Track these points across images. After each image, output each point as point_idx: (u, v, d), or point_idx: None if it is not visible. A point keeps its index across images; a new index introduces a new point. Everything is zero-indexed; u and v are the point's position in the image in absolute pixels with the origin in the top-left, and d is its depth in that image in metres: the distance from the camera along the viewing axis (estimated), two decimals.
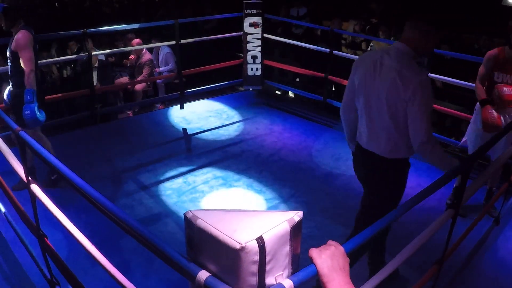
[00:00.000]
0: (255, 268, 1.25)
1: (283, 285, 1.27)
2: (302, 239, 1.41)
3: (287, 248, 1.33)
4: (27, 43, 3.61)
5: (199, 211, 1.40)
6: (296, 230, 1.35)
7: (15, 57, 3.61)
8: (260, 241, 1.24)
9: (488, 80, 3.55)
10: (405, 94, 2.25)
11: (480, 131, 3.54)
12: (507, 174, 3.62)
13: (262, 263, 1.25)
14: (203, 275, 1.29)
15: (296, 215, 1.36)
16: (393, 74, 2.28)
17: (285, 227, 1.32)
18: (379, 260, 2.85)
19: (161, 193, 4.00)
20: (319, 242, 1.23)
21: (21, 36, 3.59)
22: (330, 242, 1.23)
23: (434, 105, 4.65)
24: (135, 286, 1.95)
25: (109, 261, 2.06)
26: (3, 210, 3.15)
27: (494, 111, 3.35)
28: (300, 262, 1.42)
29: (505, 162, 2.98)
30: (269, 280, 1.29)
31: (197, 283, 1.29)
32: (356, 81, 2.47)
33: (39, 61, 5.47)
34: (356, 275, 2.63)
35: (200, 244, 1.35)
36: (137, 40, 7.11)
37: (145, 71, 7.07)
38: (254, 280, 1.26)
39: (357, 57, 5.31)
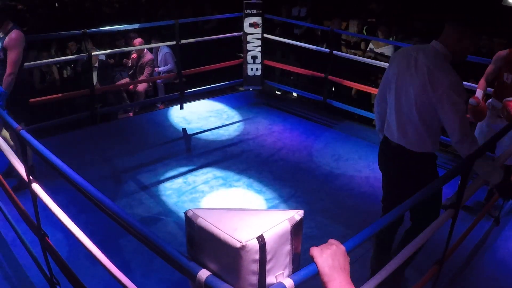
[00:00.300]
0: (255, 267, 1.24)
1: (283, 284, 1.26)
2: (302, 239, 1.41)
3: (287, 247, 1.33)
4: (19, 44, 3.63)
5: (199, 209, 1.40)
6: (296, 229, 1.35)
7: (6, 55, 3.64)
8: (261, 239, 1.24)
9: (497, 80, 3.56)
10: (434, 94, 2.29)
11: (484, 128, 3.55)
12: (507, 174, 3.62)
13: (262, 262, 1.25)
14: (203, 274, 1.29)
15: (297, 214, 1.36)
16: (425, 73, 2.32)
17: (286, 226, 1.32)
18: (384, 259, 2.86)
19: (161, 193, 4.00)
20: (319, 242, 1.23)
21: (15, 36, 3.61)
22: (331, 240, 1.23)
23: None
24: (135, 285, 1.96)
25: (110, 261, 2.06)
26: (3, 210, 3.16)
27: (479, 98, 3.38)
28: (300, 261, 1.42)
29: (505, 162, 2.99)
30: (270, 279, 1.29)
31: (198, 282, 1.29)
32: (390, 74, 2.51)
33: (39, 61, 5.52)
34: (356, 275, 2.63)
35: (201, 242, 1.35)
36: (139, 40, 7.11)
37: (147, 71, 7.07)
38: (254, 279, 1.25)
39: (356, 57, 5.30)
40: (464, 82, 4.67)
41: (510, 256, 3.29)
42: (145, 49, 7.05)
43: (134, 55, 7.23)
